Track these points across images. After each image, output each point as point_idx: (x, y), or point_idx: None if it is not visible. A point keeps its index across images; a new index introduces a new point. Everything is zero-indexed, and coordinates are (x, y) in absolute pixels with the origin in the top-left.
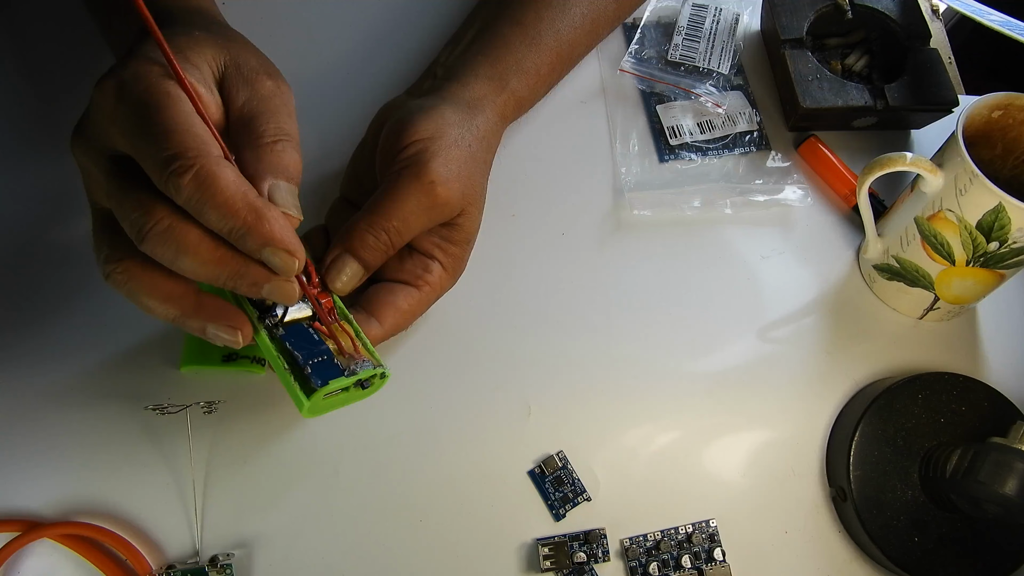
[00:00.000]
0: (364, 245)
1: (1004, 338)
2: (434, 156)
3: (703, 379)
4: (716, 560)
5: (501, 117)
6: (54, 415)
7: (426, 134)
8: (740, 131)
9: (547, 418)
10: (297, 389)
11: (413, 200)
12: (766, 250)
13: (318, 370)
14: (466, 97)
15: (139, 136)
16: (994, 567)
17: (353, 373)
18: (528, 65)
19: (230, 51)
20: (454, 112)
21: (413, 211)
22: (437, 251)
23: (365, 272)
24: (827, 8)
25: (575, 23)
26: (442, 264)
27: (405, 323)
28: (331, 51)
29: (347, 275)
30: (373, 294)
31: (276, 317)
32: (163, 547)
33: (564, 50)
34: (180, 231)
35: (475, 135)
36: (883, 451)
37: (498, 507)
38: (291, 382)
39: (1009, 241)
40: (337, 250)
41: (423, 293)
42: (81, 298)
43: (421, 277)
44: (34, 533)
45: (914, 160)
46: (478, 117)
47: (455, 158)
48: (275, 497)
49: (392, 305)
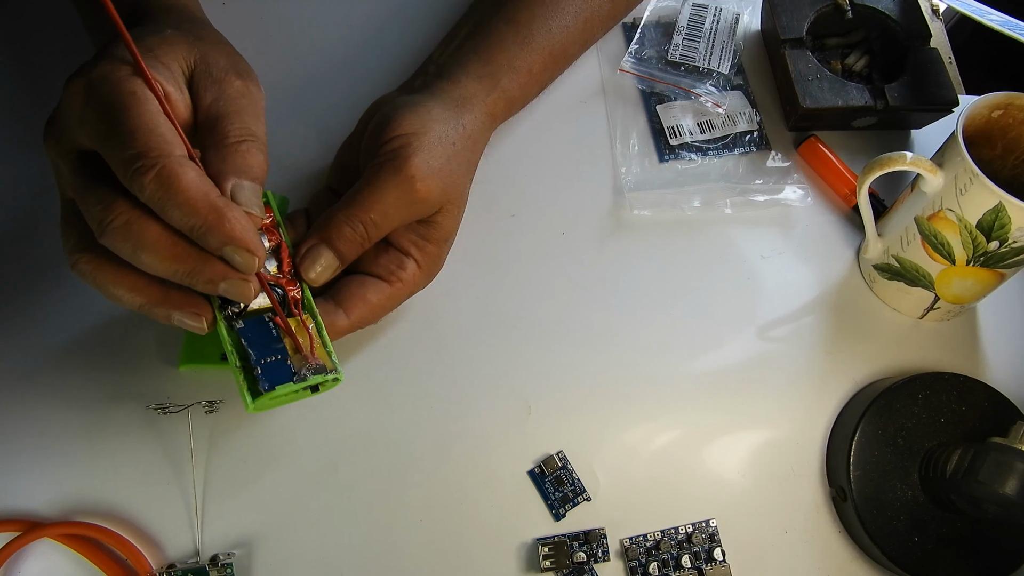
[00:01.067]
0: (341, 236)
1: (1004, 338)
2: (416, 152)
3: (703, 379)
4: (716, 560)
5: (490, 116)
6: (55, 414)
7: (410, 129)
8: (740, 131)
9: (547, 418)
10: (245, 389)
11: (392, 194)
12: (766, 250)
13: (268, 372)
14: (456, 95)
15: (104, 136)
16: (994, 567)
17: (303, 379)
18: (519, 64)
19: (200, 49)
20: (442, 109)
21: (392, 205)
22: (413, 248)
23: (340, 264)
24: (827, 8)
25: (568, 22)
26: (417, 262)
27: (373, 317)
28: (330, 48)
29: (321, 266)
30: (344, 285)
31: (238, 307)
32: (163, 546)
33: (557, 49)
34: (139, 227)
35: (460, 133)
36: (883, 451)
37: (498, 507)
38: (241, 380)
39: (1009, 240)
40: (313, 239)
41: (394, 289)
42: (82, 297)
43: (394, 273)
44: (34, 533)
45: (914, 160)
46: (466, 115)
47: (438, 155)
48: (276, 497)
49: (361, 298)
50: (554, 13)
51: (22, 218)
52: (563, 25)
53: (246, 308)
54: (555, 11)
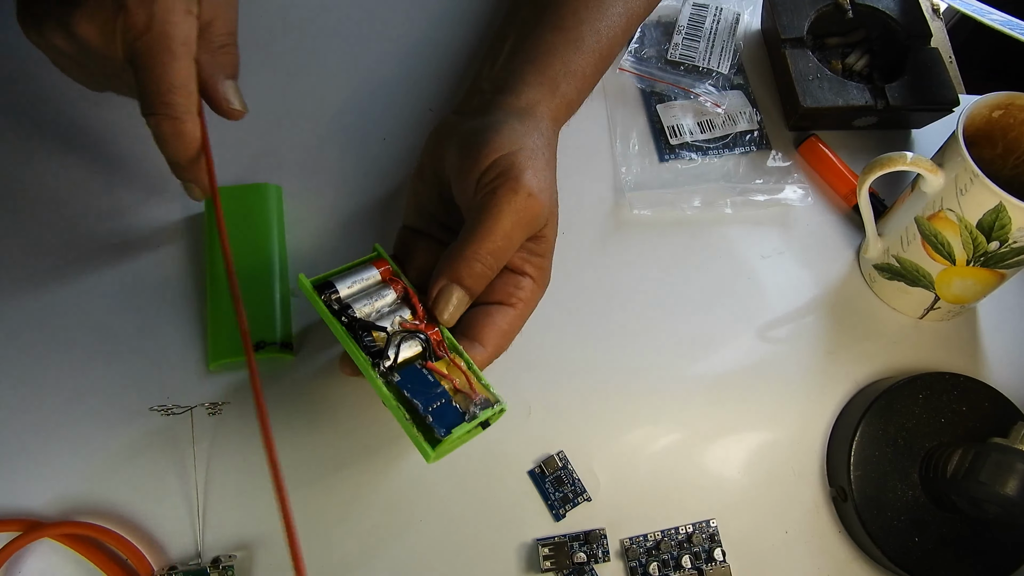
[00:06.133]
0: (471, 273)
1: (1004, 338)
2: (524, 169)
3: (703, 378)
4: (716, 560)
5: (555, 121)
6: (55, 413)
7: (508, 148)
8: (740, 131)
9: (547, 418)
10: (422, 440)
11: (512, 216)
12: (766, 250)
13: (439, 418)
14: (521, 106)
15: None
16: (994, 567)
17: (474, 417)
18: (575, 67)
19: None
20: (520, 123)
21: (514, 228)
22: (528, 266)
23: (470, 300)
24: (827, 7)
25: (613, 23)
26: (532, 278)
27: (507, 343)
28: (350, 62)
29: (453, 305)
30: (472, 318)
31: (389, 360)
32: (165, 548)
33: (604, 50)
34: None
35: (544, 142)
36: (883, 451)
37: (498, 507)
38: (415, 433)
39: (1009, 241)
40: (442, 281)
41: (518, 311)
42: (85, 297)
43: (514, 295)
44: (35, 533)
45: (914, 160)
46: (541, 124)
47: (540, 167)
48: (271, 495)
49: (492, 327)
50: (600, 15)
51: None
52: (609, 26)
53: (397, 360)
54: (600, 13)
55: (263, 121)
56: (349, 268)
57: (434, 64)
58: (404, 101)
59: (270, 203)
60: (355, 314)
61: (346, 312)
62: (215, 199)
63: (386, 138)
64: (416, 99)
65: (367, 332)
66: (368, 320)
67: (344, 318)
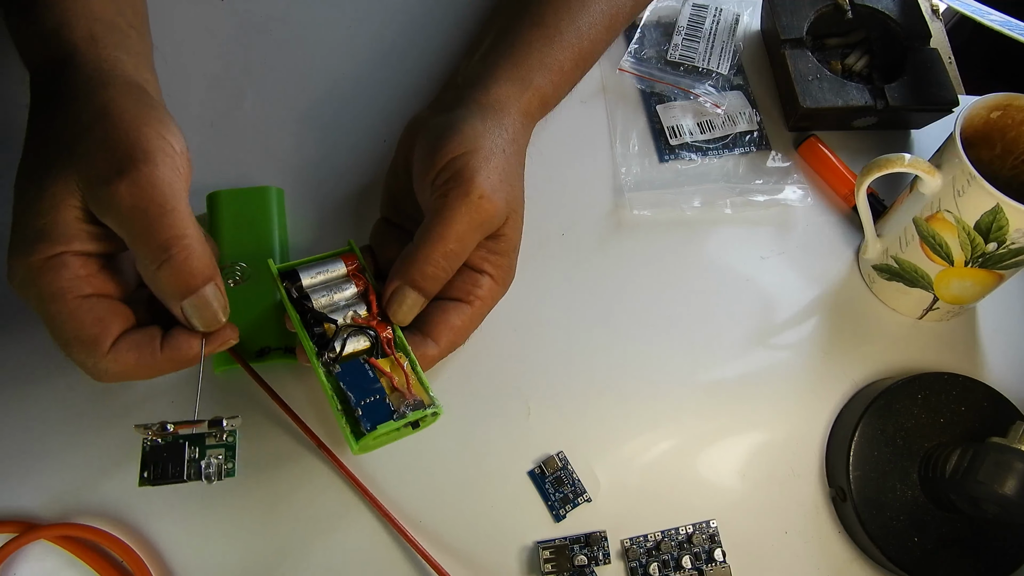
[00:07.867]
0: (424, 275)
1: (1004, 338)
2: (476, 171)
3: (703, 378)
4: (716, 561)
5: (527, 115)
6: (52, 414)
7: (461, 149)
8: (740, 131)
9: (547, 418)
10: (348, 431)
11: (465, 219)
12: (766, 250)
13: (369, 413)
14: (488, 102)
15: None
16: (994, 567)
17: (403, 416)
18: (551, 62)
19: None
20: (482, 120)
21: (467, 230)
22: (486, 264)
23: (425, 301)
24: (827, 8)
25: (595, 20)
26: (492, 276)
27: (460, 340)
28: (350, 64)
29: (407, 306)
30: (427, 314)
31: (334, 352)
32: (162, 551)
33: (586, 47)
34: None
35: (506, 139)
36: (883, 451)
37: (498, 508)
38: (343, 424)
39: (1007, 242)
40: (396, 283)
41: (475, 308)
42: None
43: (472, 292)
44: (31, 534)
45: (912, 161)
46: (505, 120)
47: (495, 168)
48: (276, 499)
49: (446, 324)
50: (581, 12)
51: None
52: (591, 23)
53: (342, 353)
54: (582, 10)
55: (266, 124)
56: (319, 259)
57: (435, 65)
58: (406, 103)
59: (272, 205)
60: (311, 304)
61: (303, 302)
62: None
63: (387, 140)
64: (417, 101)
65: (318, 323)
66: (321, 312)
67: (300, 307)
